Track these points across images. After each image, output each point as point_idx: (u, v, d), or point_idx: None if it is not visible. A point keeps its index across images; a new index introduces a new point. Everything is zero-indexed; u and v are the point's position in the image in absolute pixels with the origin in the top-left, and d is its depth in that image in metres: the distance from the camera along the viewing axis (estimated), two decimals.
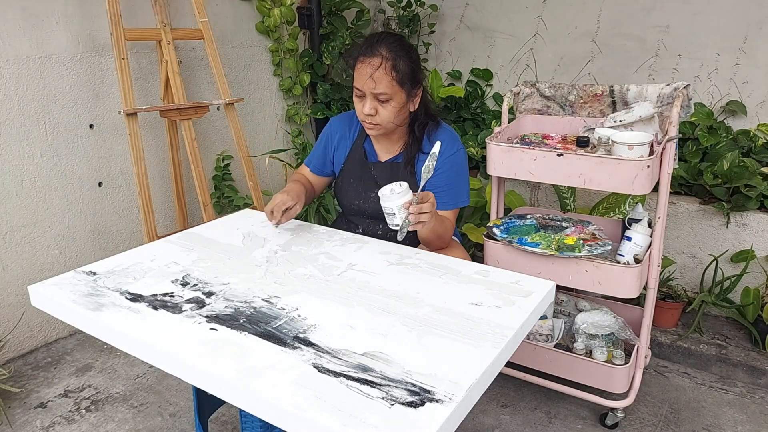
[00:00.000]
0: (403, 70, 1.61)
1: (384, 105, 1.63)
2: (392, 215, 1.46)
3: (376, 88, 1.59)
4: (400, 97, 1.63)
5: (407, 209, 1.43)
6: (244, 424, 1.36)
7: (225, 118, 2.87)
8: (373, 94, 1.61)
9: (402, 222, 1.44)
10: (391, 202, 1.44)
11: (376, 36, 1.66)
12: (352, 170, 1.84)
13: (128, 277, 1.33)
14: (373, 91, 1.60)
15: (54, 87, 2.32)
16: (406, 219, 1.44)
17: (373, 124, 1.66)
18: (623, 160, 1.59)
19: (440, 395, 0.90)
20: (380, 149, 1.82)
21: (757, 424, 1.95)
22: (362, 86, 1.62)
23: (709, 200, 2.45)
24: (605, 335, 1.91)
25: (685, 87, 1.73)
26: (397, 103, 1.63)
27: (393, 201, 1.44)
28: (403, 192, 1.44)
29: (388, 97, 1.61)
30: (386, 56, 1.60)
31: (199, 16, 2.55)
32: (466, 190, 1.78)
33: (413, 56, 1.67)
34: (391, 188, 1.45)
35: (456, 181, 1.73)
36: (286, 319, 1.14)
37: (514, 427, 1.94)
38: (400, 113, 1.67)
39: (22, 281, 2.33)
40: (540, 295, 1.23)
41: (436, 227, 1.59)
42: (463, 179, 1.76)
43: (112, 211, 2.60)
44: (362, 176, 1.81)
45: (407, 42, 1.71)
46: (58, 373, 2.25)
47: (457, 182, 1.74)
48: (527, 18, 3.07)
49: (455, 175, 1.73)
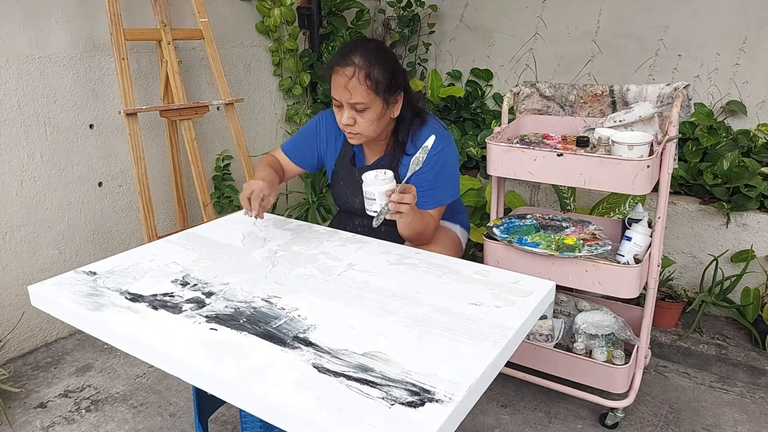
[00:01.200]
0: (378, 78, 1.56)
1: (362, 114, 1.59)
2: (372, 201, 1.46)
3: (351, 98, 1.56)
4: (377, 105, 1.59)
5: (388, 197, 1.43)
6: (244, 424, 1.36)
7: (225, 118, 2.87)
8: (350, 104, 1.58)
9: (381, 209, 1.45)
10: (374, 187, 1.44)
11: (350, 44, 1.63)
12: (342, 173, 1.83)
13: (128, 277, 1.33)
14: (349, 101, 1.57)
15: (54, 87, 2.32)
16: (385, 206, 1.44)
17: (353, 133, 1.64)
18: (623, 160, 1.59)
19: (440, 395, 0.90)
20: (368, 152, 1.80)
21: (757, 424, 1.95)
22: (339, 96, 1.59)
23: (709, 200, 2.45)
24: (605, 335, 1.91)
25: (685, 87, 1.73)
26: (375, 111, 1.60)
27: (375, 186, 1.44)
28: (387, 180, 1.44)
29: (365, 107, 1.58)
30: (360, 65, 1.55)
31: (199, 16, 2.55)
32: (450, 188, 1.74)
33: (390, 62, 1.62)
34: (375, 174, 1.45)
35: (438, 180, 1.70)
36: (286, 319, 1.14)
37: (514, 427, 1.94)
38: (379, 122, 1.63)
39: (22, 281, 2.33)
40: (540, 295, 1.23)
41: (415, 224, 1.59)
42: (447, 178, 1.72)
43: (112, 211, 2.60)
44: (350, 180, 1.80)
45: (384, 47, 1.67)
46: (58, 373, 2.25)
47: (440, 182, 1.70)
48: (527, 18, 3.07)
49: (436, 174, 1.68)
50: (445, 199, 1.73)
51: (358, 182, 1.75)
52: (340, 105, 1.62)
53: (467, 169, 2.98)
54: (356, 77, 1.55)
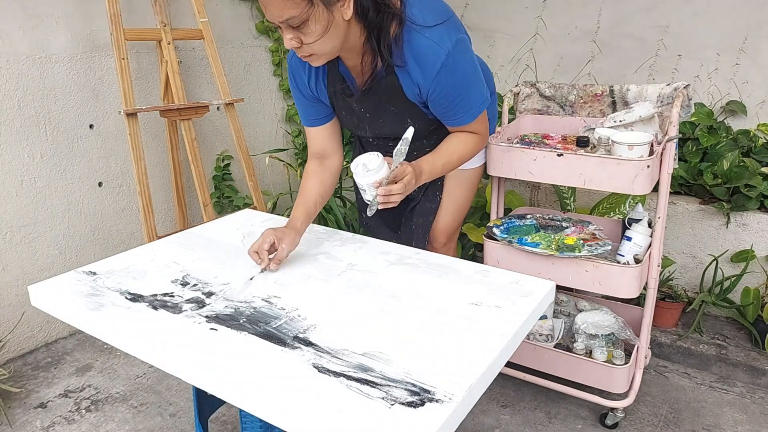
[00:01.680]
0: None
1: (303, 30, 1.28)
2: (363, 190, 1.40)
3: (282, 14, 1.26)
4: (317, 14, 1.26)
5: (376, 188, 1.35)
6: (244, 424, 1.36)
7: (225, 118, 2.87)
8: (285, 23, 1.28)
9: (372, 199, 1.38)
10: (361, 178, 1.37)
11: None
12: (339, 104, 1.61)
13: (128, 277, 1.33)
14: (281, 19, 1.27)
15: (54, 87, 2.32)
16: (375, 198, 1.37)
17: (307, 56, 1.35)
18: (623, 160, 1.59)
19: (440, 395, 0.90)
20: (354, 73, 1.53)
21: (757, 424, 1.95)
22: (271, 18, 1.32)
23: (709, 200, 2.45)
24: (605, 335, 1.91)
25: (685, 87, 1.73)
26: (319, 22, 1.27)
27: (363, 178, 1.36)
28: (375, 169, 1.35)
29: (301, 20, 1.26)
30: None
31: (199, 16, 2.54)
32: (477, 93, 1.50)
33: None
34: (363, 163, 1.36)
35: (457, 95, 1.46)
36: (286, 319, 1.14)
37: (514, 427, 1.94)
38: (330, 34, 1.31)
39: (22, 281, 2.33)
40: (540, 295, 1.23)
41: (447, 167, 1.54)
42: (467, 85, 1.47)
43: (112, 211, 2.60)
44: (349, 110, 1.61)
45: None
46: (58, 373, 2.25)
47: (461, 94, 1.47)
48: (527, 18, 3.07)
49: (451, 89, 1.44)
50: (477, 106, 1.51)
51: (359, 113, 1.60)
52: (280, 28, 1.35)
53: None
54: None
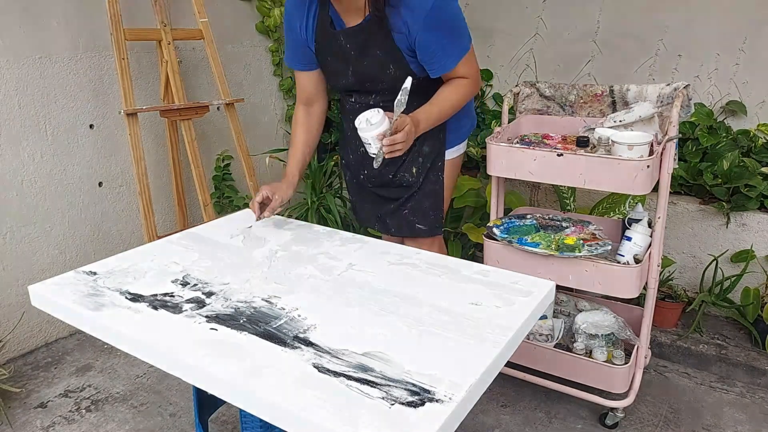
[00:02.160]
0: None
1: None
2: (368, 144, 1.47)
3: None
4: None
5: (381, 140, 1.43)
6: (244, 424, 1.36)
7: (225, 118, 2.87)
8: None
9: (377, 152, 1.45)
10: (366, 132, 1.45)
11: None
12: (325, 47, 1.67)
13: (128, 277, 1.33)
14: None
15: (54, 87, 2.32)
16: (380, 150, 1.44)
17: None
18: (623, 160, 1.59)
19: (440, 395, 0.90)
20: (343, 12, 1.62)
21: (757, 424, 1.95)
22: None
23: (709, 200, 2.45)
24: (605, 335, 1.91)
25: (685, 87, 1.73)
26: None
27: (367, 132, 1.44)
28: (377, 123, 1.43)
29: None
30: None
31: (199, 16, 2.55)
32: (463, 33, 1.61)
33: None
34: (366, 118, 1.43)
35: (446, 36, 1.56)
36: (286, 319, 1.14)
37: (514, 427, 1.94)
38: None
39: (22, 281, 2.33)
40: (540, 295, 1.23)
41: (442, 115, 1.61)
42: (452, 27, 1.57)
43: (112, 211, 2.60)
44: (335, 50, 1.66)
45: None
46: (58, 373, 2.25)
47: (450, 34, 1.56)
48: (527, 18, 3.07)
49: (443, 31, 1.54)
50: (465, 46, 1.62)
51: (343, 47, 1.65)
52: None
53: (467, 169, 2.98)
54: None
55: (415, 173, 1.79)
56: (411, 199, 1.83)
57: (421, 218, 1.84)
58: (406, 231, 1.86)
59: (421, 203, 1.83)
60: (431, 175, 1.81)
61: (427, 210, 1.83)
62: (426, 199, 1.82)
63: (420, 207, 1.83)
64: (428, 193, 1.82)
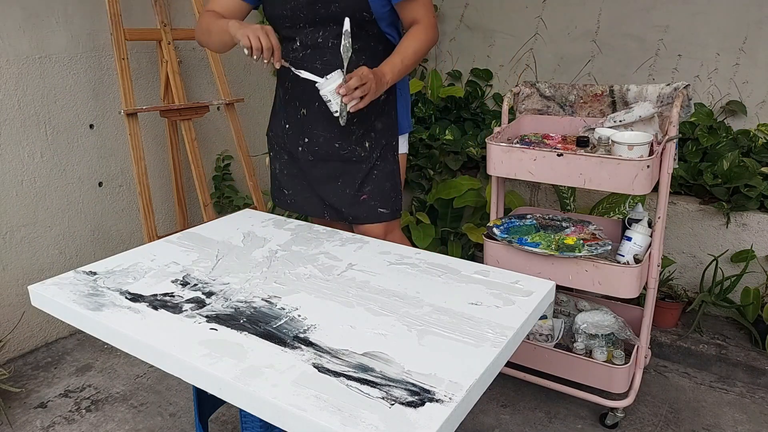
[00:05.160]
0: None
1: None
2: (329, 102, 1.47)
3: None
4: None
5: (339, 94, 1.42)
6: (244, 424, 1.36)
7: (225, 118, 2.87)
8: None
9: (339, 107, 1.45)
10: (324, 89, 1.45)
11: None
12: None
13: (128, 277, 1.33)
14: None
15: (54, 87, 2.32)
16: (341, 104, 1.44)
17: None
18: (623, 160, 1.59)
19: (440, 395, 0.90)
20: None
21: (757, 424, 1.95)
22: None
23: (709, 200, 2.45)
24: (605, 335, 1.91)
25: (685, 87, 1.73)
26: None
27: (326, 88, 1.44)
28: (332, 78, 1.43)
29: None
30: None
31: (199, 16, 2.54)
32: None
33: None
34: (325, 78, 1.44)
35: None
36: (286, 319, 1.14)
37: (514, 426, 1.94)
38: None
39: (22, 281, 2.33)
40: (540, 295, 1.24)
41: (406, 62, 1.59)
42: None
43: (112, 211, 2.60)
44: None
45: None
46: (58, 373, 2.25)
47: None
48: (527, 18, 3.07)
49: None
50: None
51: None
52: None
53: (467, 169, 2.98)
54: None
55: (368, 147, 1.73)
56: (369, 182, 1.75)
57: (383, 201, 1.76)
58: (369, 218, 1.77)
59: (382, 185, 1.75)
60: (389, 155, 1.76)
61: (388, 191, 1.76)
62: (387, 180, 1.76)
63: (381, 189, 1.75)
64: (388, 174, 1.76)
